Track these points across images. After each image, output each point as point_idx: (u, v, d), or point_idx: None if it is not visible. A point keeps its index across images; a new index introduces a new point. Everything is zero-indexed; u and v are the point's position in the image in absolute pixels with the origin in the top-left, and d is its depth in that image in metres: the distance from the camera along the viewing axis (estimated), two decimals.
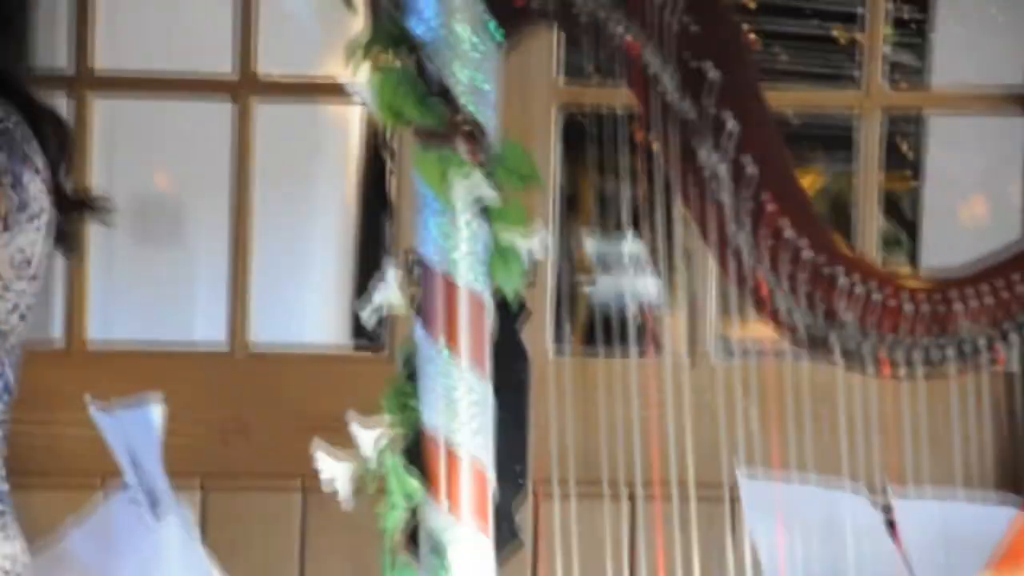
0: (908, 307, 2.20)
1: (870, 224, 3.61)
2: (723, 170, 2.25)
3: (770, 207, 2.23)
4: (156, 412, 2.65)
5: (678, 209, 2.33)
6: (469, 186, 2.35)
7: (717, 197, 2.27)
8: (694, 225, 2.31)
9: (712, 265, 2.40)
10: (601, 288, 3.80)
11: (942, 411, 2.44)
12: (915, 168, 4.06)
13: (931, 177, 3.98)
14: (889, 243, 4.16)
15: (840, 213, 4.01)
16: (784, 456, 2.50)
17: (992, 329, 2.20)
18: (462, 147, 2.35)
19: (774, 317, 2.27)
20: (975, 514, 2.29)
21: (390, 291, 2.38)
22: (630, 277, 3.15)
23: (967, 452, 2.46)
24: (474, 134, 2.35)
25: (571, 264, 4.29)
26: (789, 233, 2.23)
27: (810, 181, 4.20)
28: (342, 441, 2.34)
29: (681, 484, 2.54)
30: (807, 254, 2.22)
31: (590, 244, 3.87)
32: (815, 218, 2.26)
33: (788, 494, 2.48)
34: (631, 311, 2.98)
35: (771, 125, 2.28)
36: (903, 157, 4.19)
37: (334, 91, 2.93)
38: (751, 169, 2.24)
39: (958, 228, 4.00)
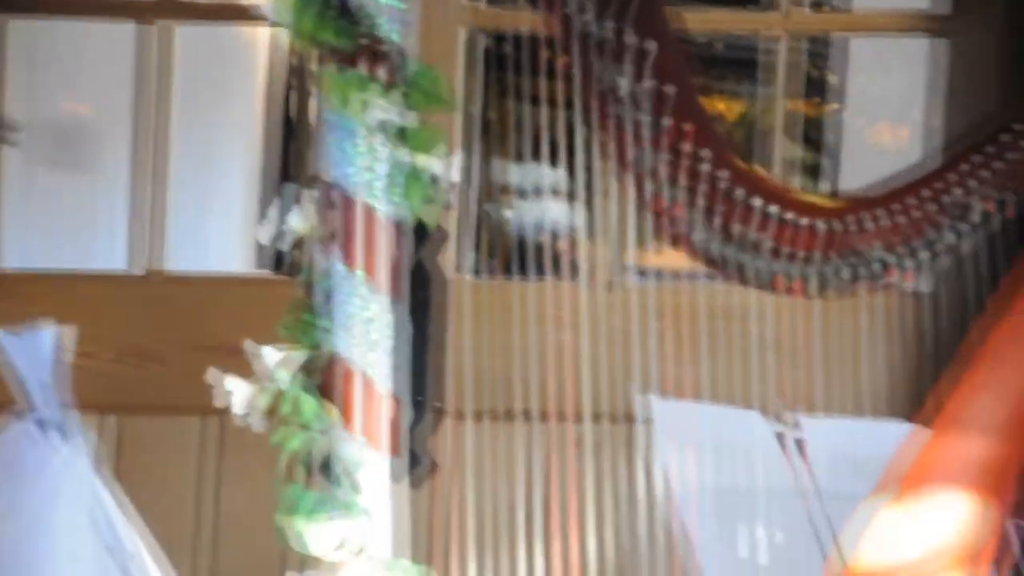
0: (818, 227, 2.21)
1: (786, 148, 3.60)
2: (636, 93, 2.25)
3: (682, 129, 2.23)
4: (53, 336, 2.63)
5: (595, 134, 2.32)
6: (381, 108, 2.33)
7: (630, 120, 2.27)
8: (610, 149, 2.31)
9: (626, 188, 2.40)
10: (519, 213, 3.80)
11: (852, 332, 2.45)
12: (835, 93, 4.06)
13: (851, 101, 3.98)
14: (809, 168, 4.17)
15: (760, 139, 4.01)
16: (695, 378, 2.51)
17: (901, 248, 2.21)
18: (374, 69, 2.33)
19: (687, 240, 2.27)
20: (879, 432, 2.30)
21: (296, 216, 2.36)
22: (547, 203, 3.15)
23: (876, 372, 2.47)
24: (386, 56, 2.33)
25: (490, 189, 4.28)
26: (703, 154, 2.23)
27: (730, 107, 4.19)
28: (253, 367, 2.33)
29: (593, 406, 2.55)
30: (718, 175, 2.23)
31: (508, 170, 3.86)
32: (725, 141, 2.26)
33: (698, 415, 2.49)
34: (547, 236, 2.97)
35: (681, 49, 2.28)
36: (824, 81, 4.18)
37: (246, 13, 2.90)
38: (664, 91, 2.24)
39: (878, 152, 4.00)
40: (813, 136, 4.06)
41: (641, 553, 2.48)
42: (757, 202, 2.23)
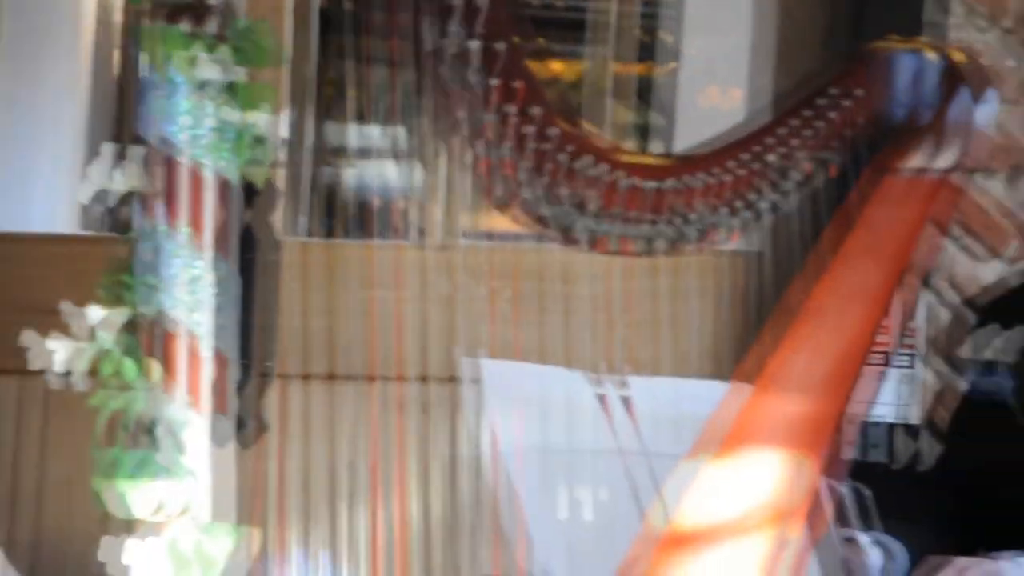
0: (645, 187, 2.22)
1: (620, 109, 3.63)
2: (465, 51, 2.24)
3: (510, 88, 2.22)
4: None
5: (425, 94, 2.31)
6: (207, 64, 2.30)
7: (458, 80, 2.26)
8: (439, 109, 2.30)
9: (456, 149, 2.39)
10: (353, 174, 3.77)
11: (678, 292, 2.47)
12: (670, 53, 4.09)
13: (684, 62, 4.01)
14: (644, 130, 4.20)
15: (598, 100, 4.03)
16: (523, 338, 2.52)
17: (725, 208, 2.23)
18: (200, 24, 2.30)
19: (514, 201, 2.27)
20: (704, 391, 2.33)
21: (120, 174, 2.33)
22: (381, 164, 3.13)
23: (702, 332, 2.50)
24: (212, 11, 2.29)
25: (324, 150, 4.25)
26: (530, 115, 2.23)
27: (570, 67, 4.21)
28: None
29: (422, 368, 2.54)
30: (546, 135, 2.22)
31: (344, 131, 3.83)
32: (553, 102, 2.26)
33: (525, 375, 2.50)
34: (380, 198, 2.96)
35: (510, 8, 2.27)
36: (657, 42, 4.21)
37: None
38: (492, 50, 2.23)
39: (711, 113, 4.04)
40: (648, 97, 4.09)
41: (466, 513, 2.48)
42: (584, 162, 2.23)
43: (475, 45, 2.22)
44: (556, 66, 4.11)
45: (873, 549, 2.90)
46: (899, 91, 2.18)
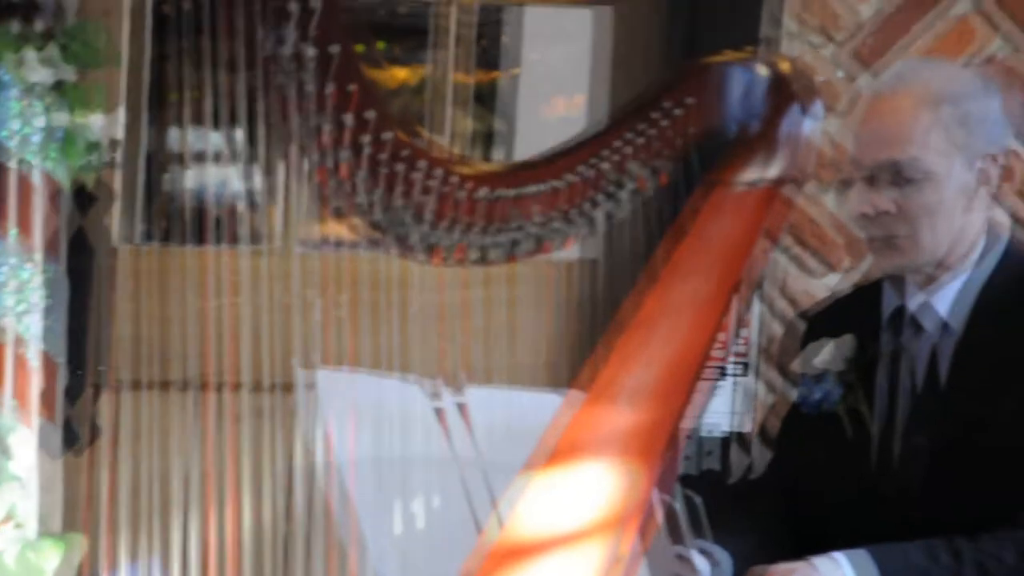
0: (479, 195, 2.21)
1: (464, 116, 3.63)
2: (300, 55, 2.22)
3: (345, 94, 2.20)
4: None
5: (261, 98, 2.28)
6: (36, 65, 2.26)
7: (294, 84, 2.24)
8: (275, 113, 2.28)
9: (292, 155, 2.37)
10: (190, 179, 3.73)
11: (513, 300, 2.47)
12: (511, 61, 4.11)
13: (526, 69, 4.03)
14: (486, 137, 4.21)
15: (441, 107, 4.03)
16: (358, 347, 2.50)
17: (560, 216, 2.24)
18: (30, 24, 2.26)
19: (349, 207, 2.25)
20: (539, 402, 2.33)
21: None
22: (219, 169, 3.10)
23: (537, 341, 2.50)
24: (42, 10, 2.26)
25: (161, 154, 4.20)
26: (364, 121, 2.21)
27: (415, 73, 4.20)
28: None
29: (255, 375, 2.52)
30: (381, 142, 2.20)
31: (182, 134, 3.79)
32: (390, 108, 2.25)
33: (359, 384, 2.48)
34: (218, 203, 2.93)
35: (346, 13, 2.25)
36: (501, 50, 4.22)
37: None
38: (327, 55, 2.22)
39: (553, 120, 4.06)
40: (491, 104, 4.09)
41: (300, 523, 2.46)
42: (419, 170, 2.22)
43: (310, 50, 2.20)
44: (399, 73, 4.11)
45: (700, 559, 2.93)
46: (729, 103, 2.20)
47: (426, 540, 2.46)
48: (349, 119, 2.20)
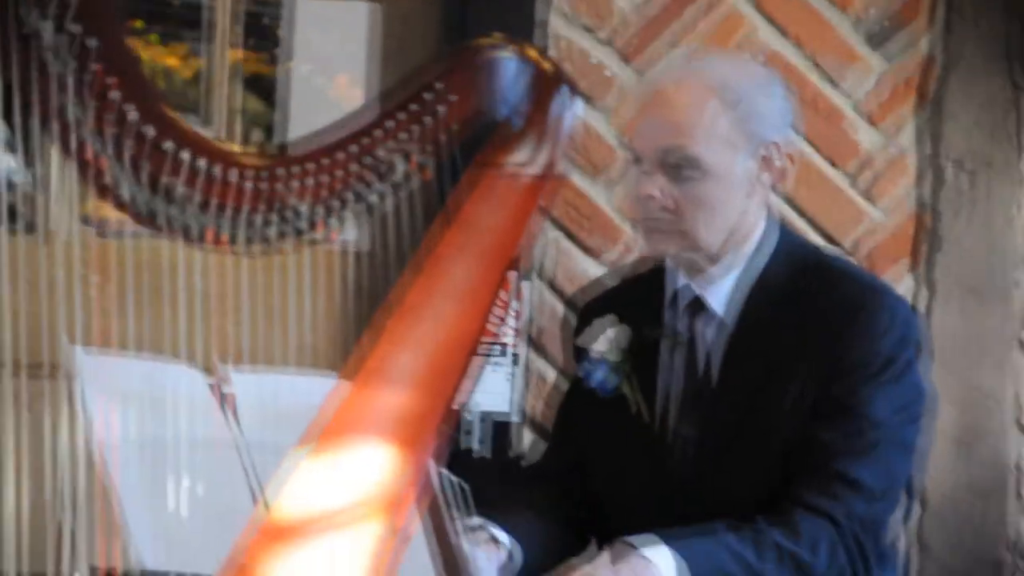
0: (246, 182, 2.21)
1: (240, 103, 3.60)
2: (60, 39, 2.19)
3: (108, 78, 2.19)
4: None
5: (29, 81, 2.24)
6: None
7: (55, 67, 2.21)
8: (43, 96, 2.25)
9: (55, 139, 2.34)
10: None
11: (283, 287, 2.47)
12: (287, 50, 4.09)
13: (302, 58, 4.02)
14: (260, 123, 4.19)
15: (216, 94, 4.00)
16: (124, 332, 2.48)
17: (327, 204, 2.25)
18: None
19: (113, 193, 2.24)
20: (309, 385, 2.34)
21: None
22: None
23: (307, 327, 2.50)
24: None
25: None
26: (128, 109, 2.20)
27: (187, 62, 4.16)
28: None
29: (26, 358, 2.48)
30: (144, 127, 2.19)
31: None
32: (155, 93, 2.24)
33: (128, 368, 2.46)
34: None
35: None
36: (276, 37, 4.21)
37: None
38: (89, 38, 2.19)
39: (330, 109, 4.06)
40: (266, 91, 4.08)
41: (66, 506, 2.43)
42: (184, 155, 2.21)
43: (74, 30, 2.17)
44: (171, 61, 4.07)
45: (480, 536, 2.95)
46: (494, 91, 2.22)
47: (200, 523, 2.45)
48: (114, 103, 2.18)
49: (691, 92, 2.98)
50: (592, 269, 4.19)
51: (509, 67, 2.23)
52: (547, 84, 2.25)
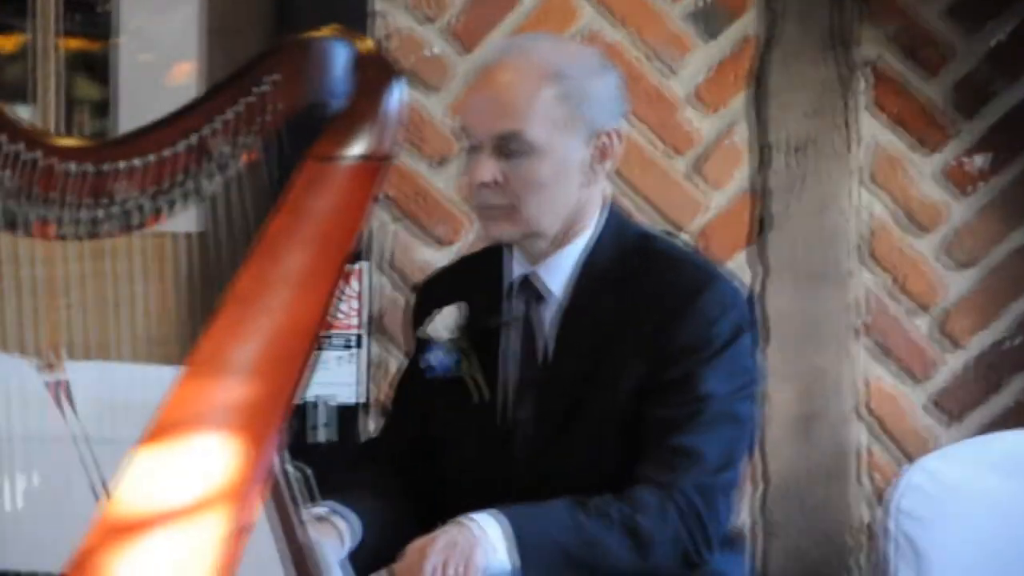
0: (68, 169, 2.19)
1: (72, 86, 3.56)
2: None
3: None
4: None
5: None
6: None
7: None
8: None
9: None
10: None
11: (120, 275, 2.44)
12: (115, 29, 4.05)
13: (132, 39, 3.98)
14: (94, 107, 4.14)
15: (40, 76, 3.94)
16: None
17: (153, 190, 2.23)
18: None
19: None
20: (149, 376, 2.31)
21: None
22: None
23: (146, 315, 2.48)
24: None
25: None
26: None
27: (8, 40, 4.09)
28: None
29: None
30: None
31: None
32: None
33: None
34: None
35: None
36: (104, 18, 4.16)
37: None
38: None
39: (166, 90, 4.02)
40: (96, 72, 4.03)
41: None
42: (12, 147, 2.17)
43: None
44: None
45: (339, 519, 2.95)
46: (321, 78, 2.22)
47: (39, 520, 2.42)
48: None
49: (523, 73, 2.98)
50: (434, 257, 4.20)
51: (336, 54, 2.22)
52: (373, 70, 2.24)
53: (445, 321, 3.11)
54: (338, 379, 4.07)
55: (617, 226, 3.11)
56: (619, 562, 2.87)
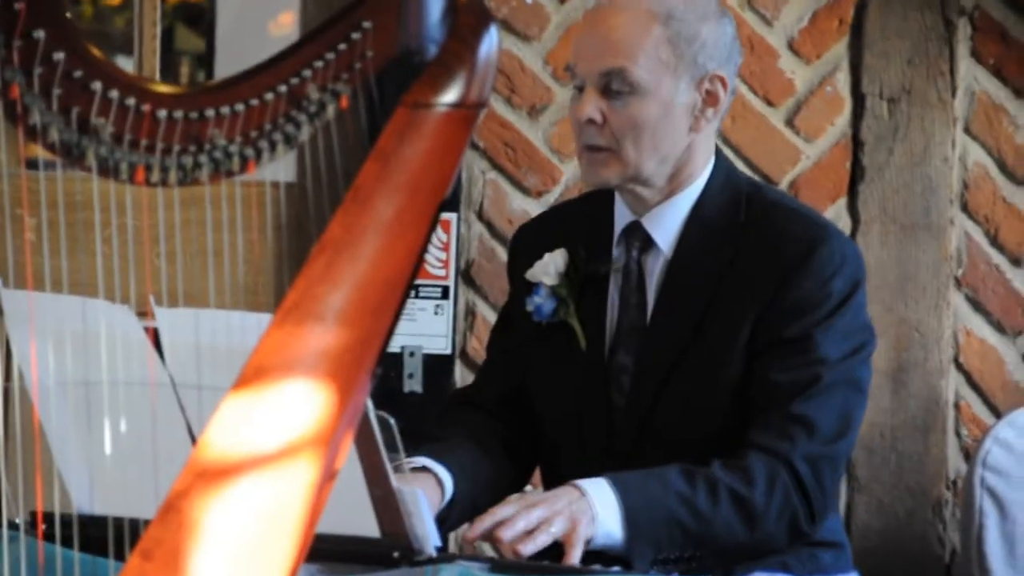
0: (160, 115, 2.19)
1: (178, 37, 3.58)
2: None
3: (14, 9, 2.15)
4: None
5: None
6: None
7: None
8: None
9: None
10: None
11: (212, 222, 2.45)
12: None
13: None
14: (196, 58, 4.17)
15: (142, 28, 3.98)
16: (56, 269, 2.46)
17: (244, 138, 2.23)
18: None
19: (25, 124, 2.20)
20: (242, 323, 2.32)
21: None
22: None
23: (239, 263, 2.49)
24: None
25: None
26: (37, 35, 2.16)
27: None
28: None
29: None
30: (55, 56, 2.16)
31: None
32: (67, 23, 2.20)
33: (58, 306, 2.44)
34: None
35: None
36: None
37: None
38: None
39: (262, 42, 4.04)
40: (200, 25, 4.05)
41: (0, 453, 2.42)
42: (96, 86, 2.18)
43: None
44: None
45: (415, 473, 2.96)
46: (415, 24, 2.21)
47: (135, 464, 2.44)
48: (19, 33, 2.14)
49: (633, 12, 2.95)
50: (526, 207, 4.20)
51: (430, 0, 2.22)
52: (468, 16, 2.23)
53: (548, 266, 3.10)
54: (427, 330, 4.08)
55: (727, 175, 3.07)
56: (728, 535, 2.85)
